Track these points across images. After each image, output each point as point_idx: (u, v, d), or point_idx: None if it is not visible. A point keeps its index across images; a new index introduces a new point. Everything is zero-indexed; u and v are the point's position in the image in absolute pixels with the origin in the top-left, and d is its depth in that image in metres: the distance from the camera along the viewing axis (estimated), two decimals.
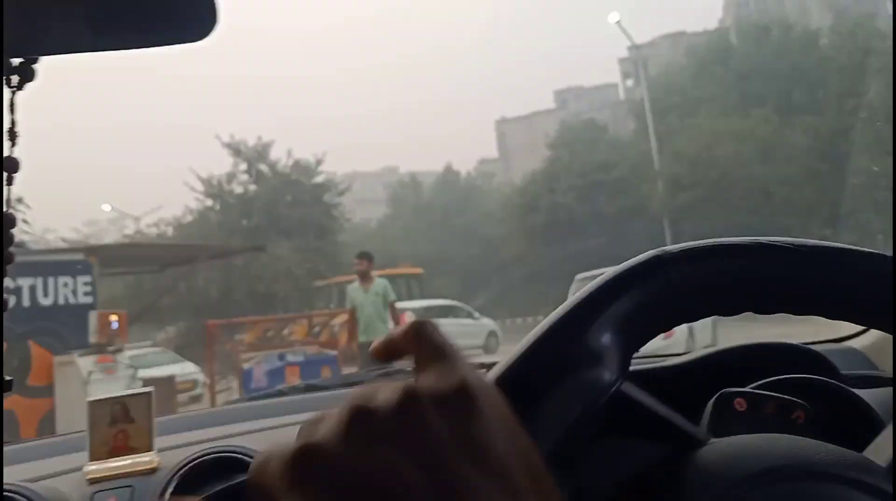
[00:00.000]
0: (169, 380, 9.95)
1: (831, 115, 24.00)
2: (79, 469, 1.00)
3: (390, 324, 7.51)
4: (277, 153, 24.27)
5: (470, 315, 18.73)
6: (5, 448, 1.25)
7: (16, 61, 0.50)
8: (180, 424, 1.20)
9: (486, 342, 18.33)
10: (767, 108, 24.88)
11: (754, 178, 23.40)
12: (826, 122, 25.25)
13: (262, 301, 22.58)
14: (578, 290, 1.14)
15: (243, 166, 23.60)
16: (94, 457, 1.01)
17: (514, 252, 30.63)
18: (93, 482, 0.97)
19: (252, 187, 23.61)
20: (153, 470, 0.98)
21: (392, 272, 22.08)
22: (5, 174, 0.49)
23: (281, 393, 1.54)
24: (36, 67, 0.50)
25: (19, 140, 0.50)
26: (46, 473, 1.01)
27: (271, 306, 22.78)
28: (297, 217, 23.01)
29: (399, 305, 18.43)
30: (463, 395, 0.35)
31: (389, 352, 0.42)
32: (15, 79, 0.50)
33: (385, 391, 0.35)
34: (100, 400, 1.04)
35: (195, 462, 0.95)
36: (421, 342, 0.40)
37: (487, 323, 18.80)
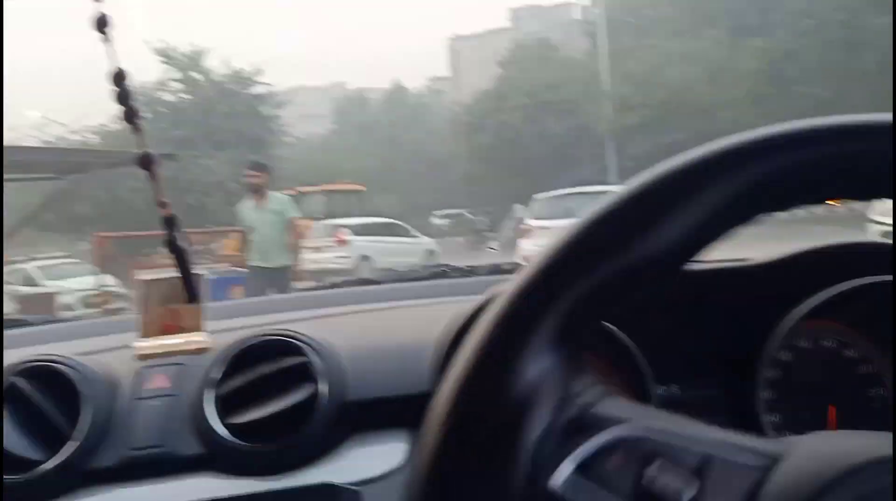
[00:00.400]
0: (48, 297, 9.36)
1: (782, 37, 23.71)
2: (129, 346, 1.00)
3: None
4: (214, 62, 23.01)
5: (408, 233, 18.32)
6: (57, 325, 1.32)
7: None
8: (231, 310, 1.16)
9: (424, 260, 18.01)
10: (720, 29, 24.44)
11: (701, 101, 23.13)
12: (776, 44, 25.03)
13: (193, 213, 21.76)
14: (536, 212, 6.03)
15: (177, 74, 22.29)
16: (145, 335, 1.00)
17: (460, 171, 30.15)
18: (142, 358, 0.97)
19: (185, 97, 22.39)
20: (204, 350, 0.97)
21: (331, 188, 21.44)
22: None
23: (335, 285, 1.56)
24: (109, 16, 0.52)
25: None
26: (96, 349, 1.00)
27: (202, 218, 22.01)
28: (232, 129, 22.01)
29: (336, 221, 18.00)
30: None
31: None
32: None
33: None
34: (151, 279, 1.00)
35: (246, 344, 0.93)
36: None
37: (426, 242, 18.45)
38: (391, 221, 18.70)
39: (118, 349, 1.00)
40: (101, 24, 0.51)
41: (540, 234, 9.43)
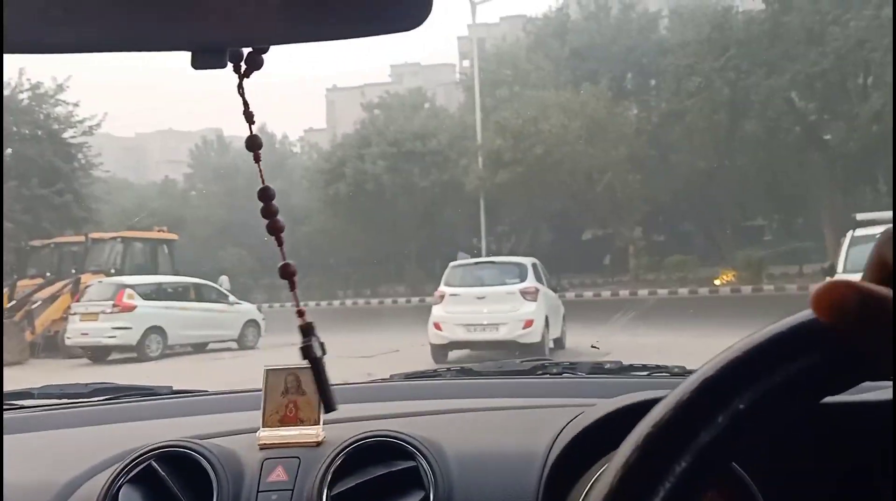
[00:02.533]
0: None
1: (665, 101, 22.16)
2: (249, 430, 1.07)
3: None
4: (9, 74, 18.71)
5: (222, 299, 14.59)
6: (182, 398, 1.47)
7: (246, 50, 0.54)
8: (340, 396, 1.03)
9: (242, 333, 14.32)
10: (601, 84, 22.62)
11: (578, 159, 21.00)
12: (659, 108, 23.50)
13: None
14: (450, 278, 7.87)
15: None
16: (266, 424, 1.07)
17: (315, 226, 26.70)
18: (263, 447, 1.04)
19: None
20: (318, 444, 1.04)
21: (130, 235, 17.60)
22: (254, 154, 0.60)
23: (436, 374, 1.60)
24: (264, 56, 0.54)
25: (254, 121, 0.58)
26: (218, 431, 1.09)
27: None
28: (19, 154, 17.69)
29: (120, 279, 14.03)
30: None
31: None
32: (244, 67, 0.54)
33: None
34: (276, 369, 1.09)
35: (359, 442, 0.99)
36: None
37: (247, 309, 14.75)
38: (200, 281, 14.91)
39: (240, 434, 1.08)
40: (253, 145, 0.59)
41: (452, 301, 9.50)
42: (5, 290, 15.32)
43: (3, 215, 16.42)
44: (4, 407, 1.42)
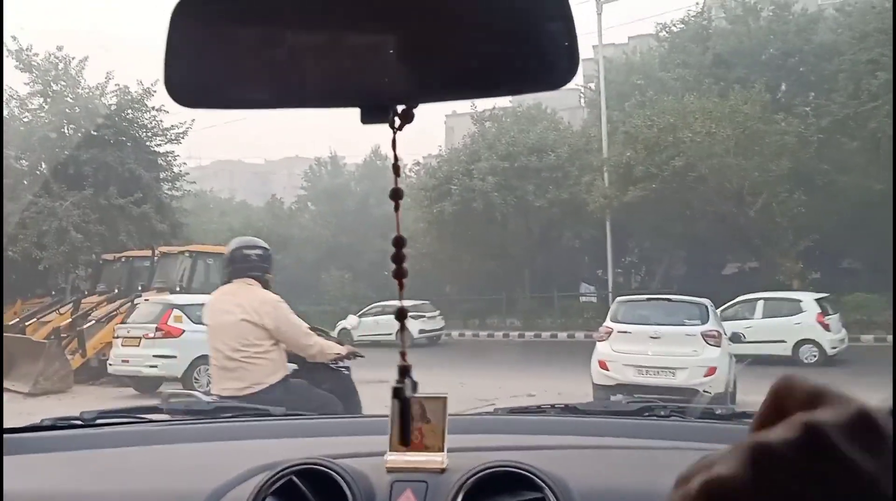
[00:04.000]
0: None
1: (839, 105, 18.22)
2: (376, 453, 1.14)
3: None
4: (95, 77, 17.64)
5: None
6: (295, 420, 1.65)
7: (399, 108, 0.58)
8: (455, 426, 1.20)
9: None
10: (753, 88, 19.00)
11: (727, 175, 17.50)
12: (823, 120, 19.48)
13: (21, 271, 15.88)
14: (617, 313, 8.77)
15: (35, 86, 16.81)
16: (394, 448, 1.12)
17: (418, 249, 24.38)
18: (391, 470, 1.11)
19: (40, 116, 16.84)
20: (443, 470, 1.10)
21: (204, 249, 15.70)
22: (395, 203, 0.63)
23: (540, 410, 1.67)
24: (415, 111, 0.59)
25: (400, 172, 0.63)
26: (347, 451, 1.16)
27: (30, 279, 16.10)
28: (98, 161, 16.36)
29: (170, 299, 11.50)
30: (868, 423, 0.33)
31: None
32: (397, 121, 0.58)
33: (779, 429, 0.33)
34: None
35: (488, 471, 1.03)
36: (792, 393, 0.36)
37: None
38: None
39: (368, 456, 1.15)
40: (396, 196, 0.63)
41: (621, 339, 8.92)
42: (65, 308, 13.80)
43: (67, 227, 15.09)
44: (133, 420, 1.61)
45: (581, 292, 25.38)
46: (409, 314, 0.65)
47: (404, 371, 0.63)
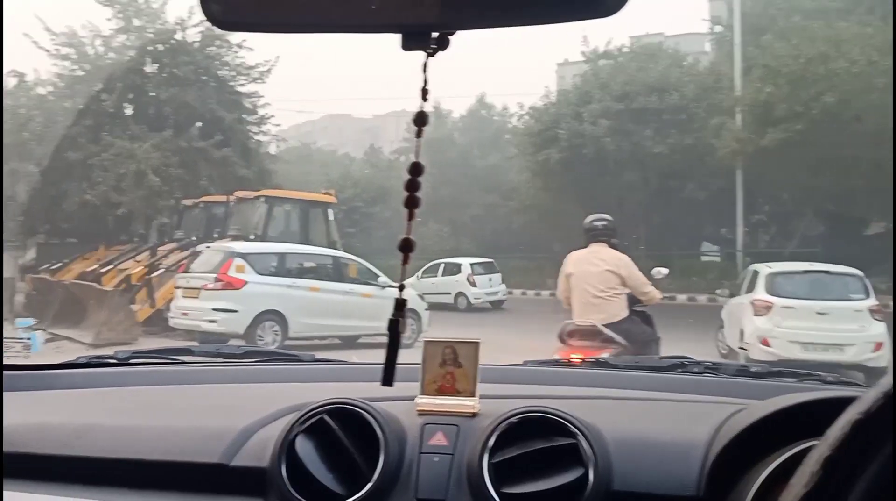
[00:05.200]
0: None
1: None
2: (407, 398, 1.11)
3: None
4: (173, 11, 16.61)
5: (370, 278, 10.85)
6: (325, 365, 1.62)
7: (435, 35, 0.58)
8: (481, 375, 1.17)
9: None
10: None
11: (888, 113, 14.57)
12: None
13: (95, 218, 15.26)
14: (772, 285, 8.38)
15: (116, 22, 15.98)
16: (425, 392, 1.12)
17: (522, 201, 22.52)
18: (422, 413, 1.09)
19: (115, 54, 16.02)
20: (474, 415, 1.08)
21: (281, 194, 14.57)
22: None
23: (571, 364, 1.72)
24: (451, 38, 0.59)
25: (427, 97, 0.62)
26: (379, 396, 1.09)
27: (113, 225, 15.48)
28: (179, 100, 15.43)
29: (230, 246, 10.31)
30: None
31: None
32: (433, 47, 0.59)
33: None
34: (434, 341, 1.14)
35: (520, 416, 1.01)
36: None
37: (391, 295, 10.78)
38: (340, 255, 11.33)
39: (399, 400, 1.11)
40: (421, 121, 0.61)
41: (785, 314, 8.53)
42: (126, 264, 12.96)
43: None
44: (165, 361, 1.62)
45: (702, 251, 22.97)
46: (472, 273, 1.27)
47: (400, 305, 0.65)
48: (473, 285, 17.69)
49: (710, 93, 18.66)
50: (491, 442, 0.98)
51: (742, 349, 8.65)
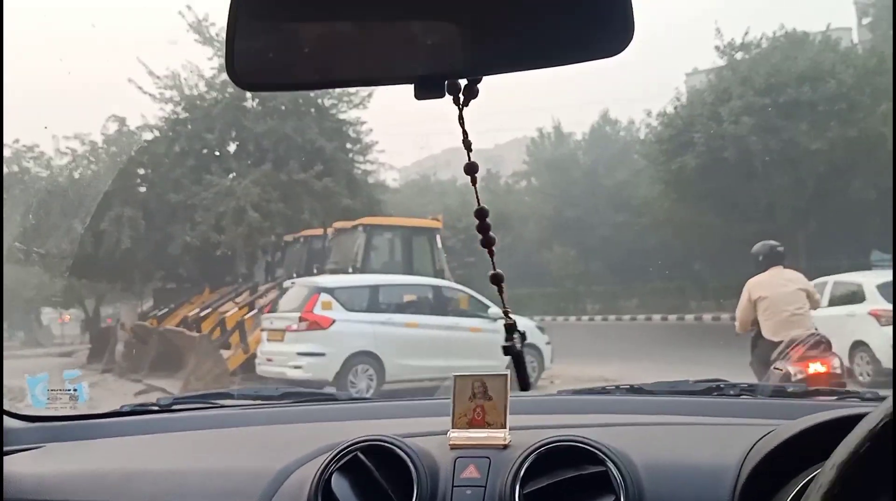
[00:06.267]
0: None
1: None
2: (439, 432, 1.15)
3: None
4: None
5: (480, 311, 9.30)
6: (362, 403, 1.73)
7: (462, 82, 0.60)
8: (513, 407, 1.18)
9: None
10: None
11: None
12: None
13: (199, 260, 14.69)
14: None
15: (214, 62, 15.57)
16: (456, 426, 1.14)
17: (654, 216, 20.30)
18: (453, 447, 1.11)
19: (214, 92, 15.57)
20: (505, 446, 1.09)
21: (378, 222, 13.36)
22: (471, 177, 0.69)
23: (605, 391, 1.65)
24: (479, 86, 0.60)
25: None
26: (412, 431, 1.17)
27: (217, 266, 14.86)
28: (278, 133, 14.74)
29: (314, 280, 9.70)
30: None
31: None
32: (461, 97, 0.61)
33: None
34: (465, 376, 1.15)
35: (550, 446, 1.03)
36: None
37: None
38: (444, 284, 9.87)
39: (430, 435, 1.16)
40: (471, 170, 0.65)
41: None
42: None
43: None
44: (205, 406, 1.67)
45: (873, 262, 19.88)
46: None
47: (511, 329, 0.69)
48: None
49: (872, 76, 15.94)
50: (522, 473, 1.00)
51: None
